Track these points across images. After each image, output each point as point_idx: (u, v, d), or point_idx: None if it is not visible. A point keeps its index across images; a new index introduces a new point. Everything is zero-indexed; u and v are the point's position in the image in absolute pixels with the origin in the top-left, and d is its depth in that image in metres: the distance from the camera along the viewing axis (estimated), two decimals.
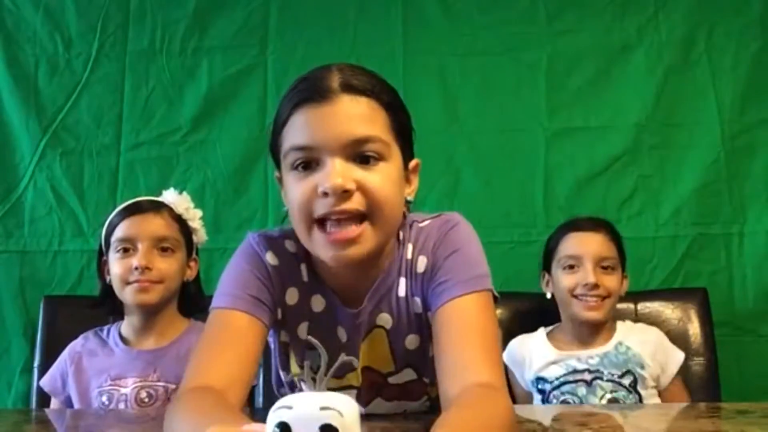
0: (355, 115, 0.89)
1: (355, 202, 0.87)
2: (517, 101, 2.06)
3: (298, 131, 0.90)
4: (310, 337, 1.01)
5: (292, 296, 1.01)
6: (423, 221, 1.02)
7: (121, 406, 1.37)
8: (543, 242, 2.00)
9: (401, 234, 1.00)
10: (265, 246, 1.00)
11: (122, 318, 1.49)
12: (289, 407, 0.43)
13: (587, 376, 1.57)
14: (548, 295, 1.69)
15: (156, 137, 2.05)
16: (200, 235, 1.54)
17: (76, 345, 1.49)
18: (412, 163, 0.98)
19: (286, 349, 1.05)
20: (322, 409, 0.42)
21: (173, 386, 1.38)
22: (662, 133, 2.03)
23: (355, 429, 0.41)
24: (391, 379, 1.04)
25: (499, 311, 1.79)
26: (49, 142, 2.04)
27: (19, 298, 1.99)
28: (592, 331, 1.62)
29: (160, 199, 1.50)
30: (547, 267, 1.70)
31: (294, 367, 1.05)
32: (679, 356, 1.61)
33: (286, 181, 0.94)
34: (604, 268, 1.60)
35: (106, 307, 1.49)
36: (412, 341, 1.01)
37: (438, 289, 0.95)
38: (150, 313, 1.44)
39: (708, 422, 0.99)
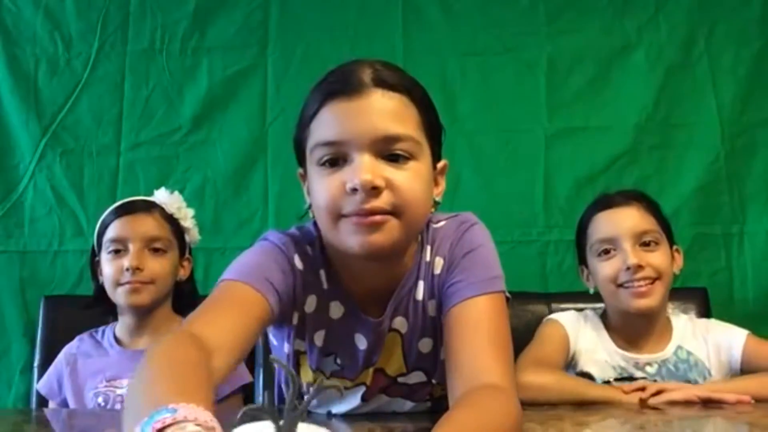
0: (388, 112, 0.87)
1: (383, 201, 0.85)
2: (517, 101, 2.06)
3: (326, 126, 0.87)
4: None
5: (311, 304, 0.98)
6: (438, 222, 1.01)
7: (117, 407, 1.37)
8: (543, 242, 2.01)
9: (421, 236, 0.98)
10: (293, 249, 0.96)
11: (117, 318, 1.49)
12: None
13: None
14: (591, 291, 1.45)
15: (156, 137, 2.05)
16: (193, 235, 1.53)
17: (71, 347, 1.49)
18: (441, 164, 0.96)
19: (298, 358, 1.03)
20: None
21: None
22: (662, 133, 2.03)
23: None
24: (401, 380, 1.03)
25: None
26: (49, 142, 2.04)
27: (19, 298, 1.98)
28: (648, 326, 1.39)
29: (151, 199, 1.49)
30: (582, 259, 1.46)
31: (307, 374, 1.03)
32: (739, 341, 1.36)
33: (311, 178, 0.91)
34: (646, 244, 1.36)
35: (100, 307, 1.48)
36: (425, 345, 1.00)
37: (451, 289, 0.93)
38: (143, 314, 1.44)
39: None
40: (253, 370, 1.71)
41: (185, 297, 1.51)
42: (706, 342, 1.39)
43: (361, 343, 1.00)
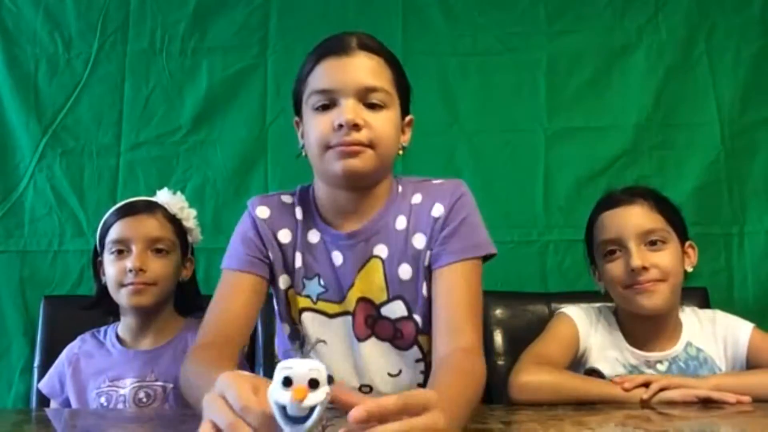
0: (368, 68, 1.10)
1: (362, 135, 1.07)
2: (517, 101, 2.06)
3: (321, 78, 1.10)
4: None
5: (284, 236, 1.18)
6: (435, 180, 1.22)
7: (120, 407, 1.37)
8: (543, 242, 2.01)
9: (399, 186, 1.20)
10: (257, 202, 1.20)
11: (119, 319, 1.48)
12: (290, 367, 0.62)
13: None
14: (602, 291, 1.42)
15: (156, 137, 2.05)
16: (195, 235, 1.53)
17: (73, 347, 1.48)
18: (407, 118, 1.20)
19: (287, 294, 1.20)
20: (310, 369, 0.62)
21: (171, 386, 1.38)
22: (662, 133, 2.03)
23: (326, 384, 0.63)
24: (384, 310, 1.16)
25: (498, 311, 1.79)
26: (49, 142, 2.04)
27: (19, 298, 1.98)
28: (658, 326, 1.35)
29: (153, 199, 1.49)
30: (592, 259, 1.43)
31: (296, 305, 1.19)
32: (744, 335, 1.35)
33: (306, 121, 1.13)
34: (652, 243, 1.32)
35: (102, 307, 1.48)
36: (405, 271, 1.16)
37: (448, 245, 1.13)
38: (146, 314, 1.43)
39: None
40: (253, 368, 1.71)
41: (188, 297, 1.51)
42: (715, 336, 1.37)
43: (338, 259, 1.16)
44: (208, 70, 2.07)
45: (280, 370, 0.62)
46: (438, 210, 1.16)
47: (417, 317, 1.16)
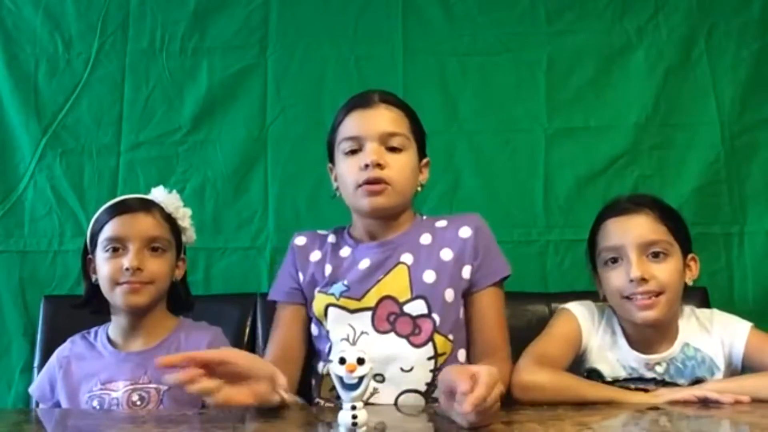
0: (388, 118, 1.35)
1: (384, 173, 1.31)
2: (517, 101, 2.06)
3: (349, 127, 1.36)
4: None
5: (315, 256, 1.42)
6: (458, 216, 1.46)
7: (113, 409, 1.34)
8: (543, 242, 2.01)
9: (423, 216, 1.46)
10: (297, 235, 1.47)
11: (109, 318, 1.46)
12: (344, 350, 0.87)
13: (650, 387, 1.33)
14: (600, 296, 1.43)
15: (156, 137, 2.05)
16: (189, 235, 1.51)
17: (63, 350, 1.46)
18: (424, 160, 1.43)
19: (314, 297, 1.39)
20: (357, 351, 0.87)
21: (165, 387, 1.35)
22: (662, 133, 2.03)
23: (369, 361, 0.87)
24: (406, 308, 1.32)
25: None
26: (49, 142, 2.04)
27: (19, 298, 1.98)
28: (657, 333, 1.36)
29: (149, 197, 1.47)
30: (594, 264, 1.43)
31: (319, 304, 1.37)
32: (741, 335, 1.35)
33: (338, 164, 1.38)
34: (654, 255, 1.32)
35: (91, 307, 1.45)
36: (429, 276, 1.34)
37: (486, 265, 1.37)
38: (139, 315, 1.41)
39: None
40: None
41: (180, 297, 1.50)
42: (712, 335, 1.37)
43: (364, 264, 1.37)
44: (208, 70, 2.07)
45: (337, 353, 0.87)
46: (465, 232, 1.38)
47: (435, 316, 1.32)
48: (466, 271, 1.36)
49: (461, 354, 1.36)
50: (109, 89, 2.07)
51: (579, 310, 1.41)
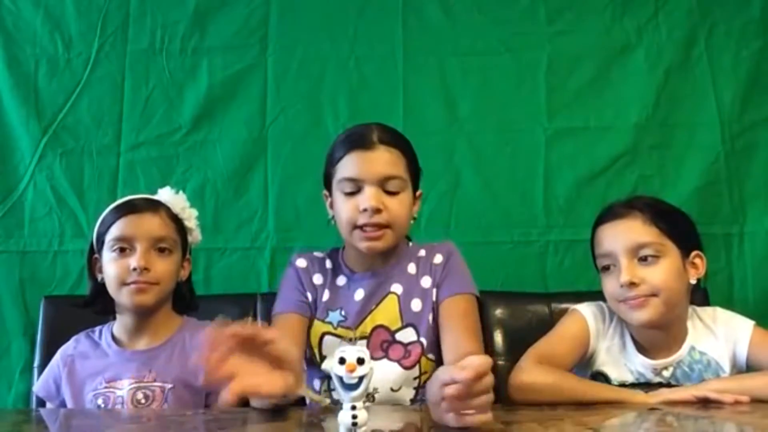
0: (387, 161, 1.36)
1: (382, 218, 1.34)
2: (517, 101, 2.06)
3: (349, 167, 1.36)
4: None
5: (318, 279, 1.45)
6: (429, 244, 1.50)
7: (118, 408, 1.35)
8: (543, 242, 2.01)
9: (410, 244, 1.50)
10: (296, 257, 1.49)
11: (114, 318, 1.46)
12: (344, 350, 0.87)
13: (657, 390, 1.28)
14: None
15: (156, 137, 2.05)
16: (195, 236, 1.51)
17: (67, 348, 1.46)
18: (417, 193, 1.45)
19: (311, 324, 1.42)
20: (357, 351, 0.86)
21: (170, 386, 1.36)
22: (662, 133, 2.03)
23: (369, 360, 0.87)
24: (398, 336, 1.39)
25: (498, 311, 1.79)
26: (49, 142, 2.04)
27: (19, 298, 1.98)
28: (662, 336, 1.35)
29: (156, 197, 1.48)
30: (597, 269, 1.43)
31: (316, 330, 1.41)
32: (745, 334, 1.35)
33: (336, 200, 1.39)
34: (644, 258, 1.31)
35: (96, 306, 1.46)
36: (416, 304, 1.41)
37: (448, 281, 1.41)
38: (145, 314, 1.42)
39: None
40: None
41: (185, 297, 1.50)
42: (717, 336, 1.37)
43: (359, 295, 1.42)
44: (208, 69, 2.07)
45: (337, 353, 0.87)
46: (438, 258, 1.44)
47: (423, 340, 1.39)
48: (435, 291, 1.42)
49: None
50: (109, 89, 2.07)
51: (589, 311, 1.41)
